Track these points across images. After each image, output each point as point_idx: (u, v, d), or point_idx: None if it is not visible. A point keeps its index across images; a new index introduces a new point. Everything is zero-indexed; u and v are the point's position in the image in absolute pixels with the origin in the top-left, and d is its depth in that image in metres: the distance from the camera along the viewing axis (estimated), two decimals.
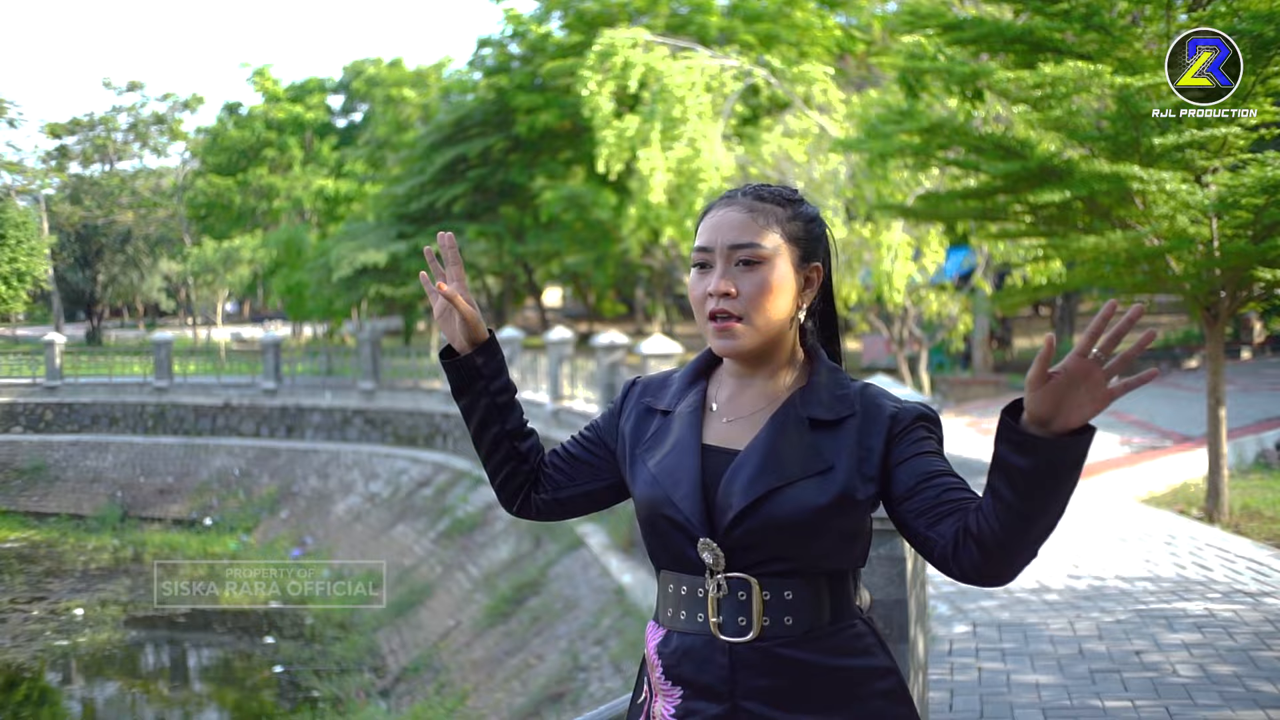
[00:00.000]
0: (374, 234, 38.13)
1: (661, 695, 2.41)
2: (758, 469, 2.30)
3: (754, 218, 2.37)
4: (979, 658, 6.72)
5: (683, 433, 2.44)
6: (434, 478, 26.85)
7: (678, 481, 2.37)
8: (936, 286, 19.83)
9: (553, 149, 37.62)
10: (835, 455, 2.31)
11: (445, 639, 18.81)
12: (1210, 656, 6.69)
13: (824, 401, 2.37)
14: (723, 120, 20.74)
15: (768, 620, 2.30)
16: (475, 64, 40.56)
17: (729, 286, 2.34)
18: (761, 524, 2.28)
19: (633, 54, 20.14)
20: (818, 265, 2.45)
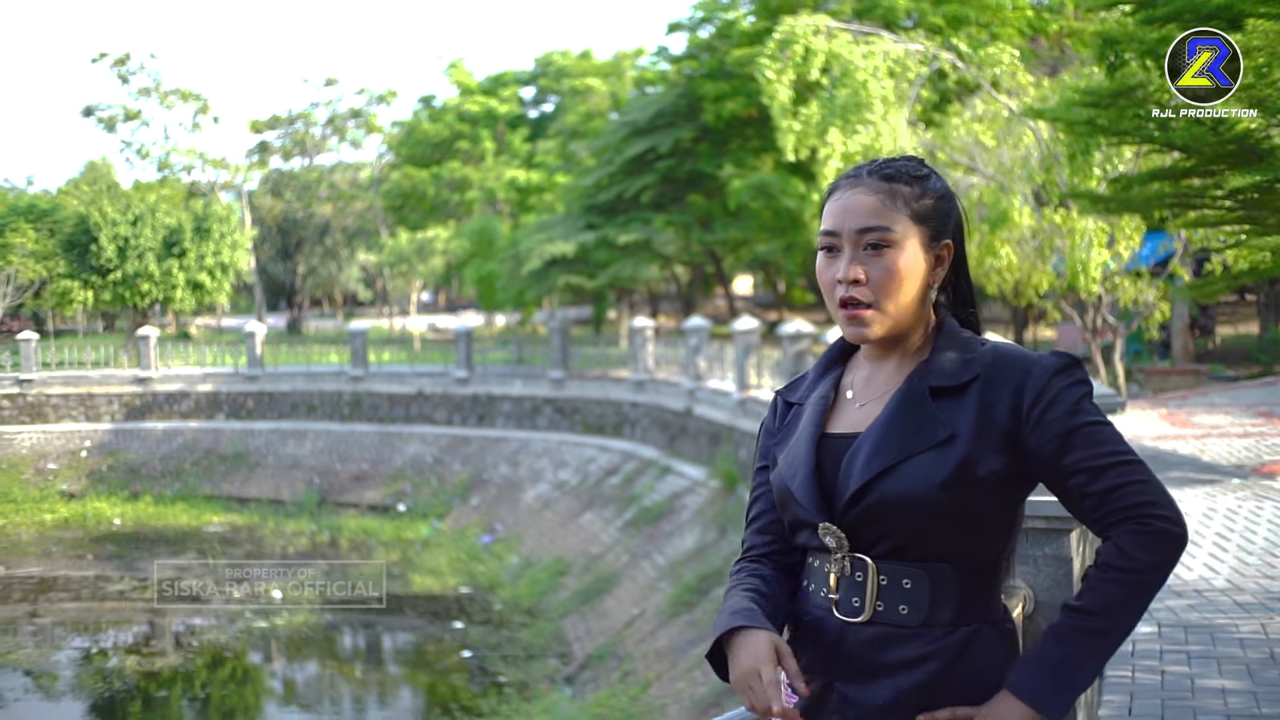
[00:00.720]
0: (563, 225, 38.45)
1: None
2: (873, 449, 2.28)
3: (881, 200, 2.32)
4: (1163, 660, 6.50)
5: (805, 424, 2.43)
6: (622, 466, 27.02)
7: (795, 472, 2.37)
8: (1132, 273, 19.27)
9: (741, 137, 37.50)
10: (957, 423, 2.24)
11: (629, 627, 18.92)
12: None
13: (947, 368, 2.31)
14: (907, 106, 20.44)
15: (881, 605, 2.27)
16: (663, 53, 40.66)
17: (858, 273, 2.30)
18: (876, 503, 2.25)
19: (814, 41, 19.96)
20: (948, 242, 2.39)
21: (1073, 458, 2.20)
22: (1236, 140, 10.70)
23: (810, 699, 2.30)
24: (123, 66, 56.72)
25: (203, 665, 20.36)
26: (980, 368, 2.28)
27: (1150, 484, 2.19)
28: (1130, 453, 2.21)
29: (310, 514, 30.22)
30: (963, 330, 2.40)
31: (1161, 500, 2.18)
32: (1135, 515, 2.16)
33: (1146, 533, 2.15)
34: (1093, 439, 2.20)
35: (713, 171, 36.73)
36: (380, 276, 61.92)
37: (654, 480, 24.69)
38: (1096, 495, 2.19)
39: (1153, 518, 2.16)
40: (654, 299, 53.36)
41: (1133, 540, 2.16)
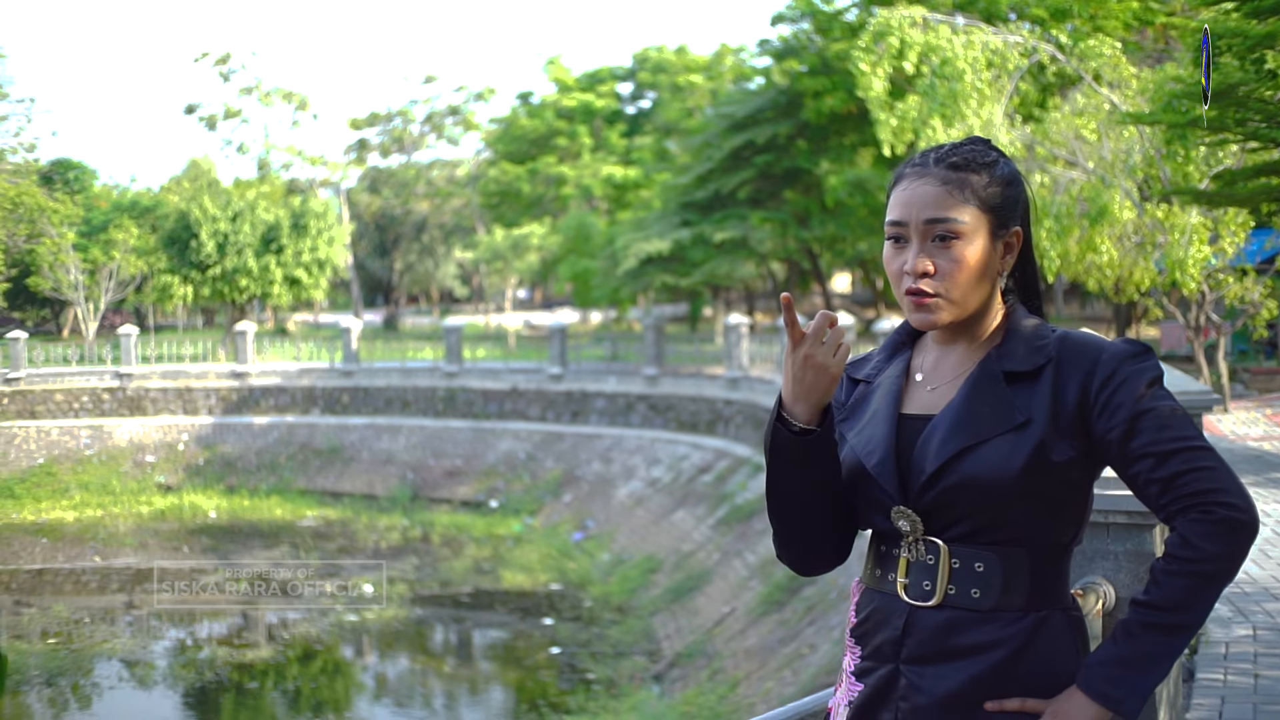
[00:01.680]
0: (659, 223, 38.37)
1: (849, 651, 2.40)
2: (950, 430, 2.24)
3: (949, 190, 2.27)
4: (1257, 663, 6.21)
5: (881, 402, 2.38)
6: (714, 464, 26.87)
7: (872, 451, 2.32)
8: (1237, 270, 18.75)
9: (839, 133, 37.19)
10: (1032, 408, 2.21)
11: (719, 626, 18.77)
12: None
13: (1019, 354, 2.28)
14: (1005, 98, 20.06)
15: (953, 589, 2.23)
16: (765, 45, 40.41)
17: (927, 265, 2.26)
18: (953, 485, 2.20)
19: (910, 33, 19.64)
20: (1017, 230, 2.34)
21: (1139, 442, 2.16)
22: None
23: (877, 684, 2.27)
24: (224, 65, 57.43)
25: (294, 658, 20.47)
26: (1053, 353, 2.25)
27: (1217, 470, 2.13)
28: (1199, 438, 2.16)
29: (403, 509, 30.37)
30: (1032, 316, 2.37)
31: (1229, 486, 2.12)
32: (1200, 503, 2.11)
33: (1211, 520, 2.10)
34: (1160, 423, 2.16)
35: (810, 167, 36.46)
36: (476, 273, 62.30)
37: (746, 478, 24.51)
38: (1161, 481, 2.14)
39: (1218, 505, 2.11)
40: (750, 296, 53.17)
41: (1197, 529, 2.11)
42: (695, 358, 32.99)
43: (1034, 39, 20.89)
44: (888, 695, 2.25)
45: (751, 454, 25.87)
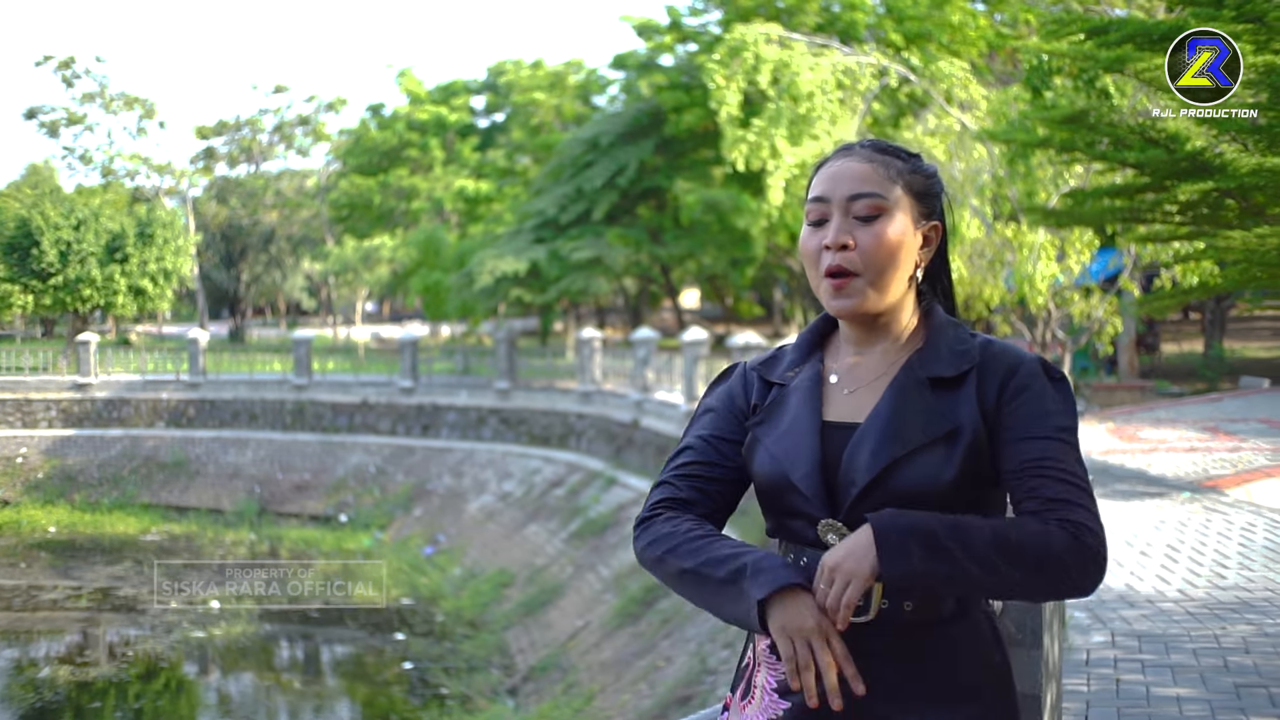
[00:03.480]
0: (514, 241, 38.22)
1: (765, 667, 2.29)
2: (879, 440, 2.17)
3: (874, 168, 2.25)
4: (1117, 669, 6.41)
5: (800, 409, 2.30)
6: (567, 478, 26.86)
7: (796, 462, 2.23)
8: (1082, 288, 19.30)
9: (695, 149, 37.51)
10: (959, 415, 2.17)
11: (574, 639, 18.76)
12: None
13: (943, 358, 2.23)
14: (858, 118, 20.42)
15: (886, 602, 2.16)
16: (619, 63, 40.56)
17: (847, 239, 2.21)
18: (886, 499, 2.13)
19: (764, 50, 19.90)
20: (936, 224, 2.31)
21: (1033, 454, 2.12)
22: (1189, 157, 10.69)
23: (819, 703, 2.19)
24: (67, 70, 56.08)
25: (136, 676, 19.97)
26: (976, 359, 2.22)
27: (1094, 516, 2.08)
28: (1087, 481, 2.15)
29: (250, 524, 29.87)
30: (950, 319, 2.32)
31: (1102, 535, 2.09)
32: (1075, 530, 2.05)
33: (1079, 545, 2.05)
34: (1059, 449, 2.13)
35: (666, 185, 36.69)
36: (325, 285, 61.53)
37: (599, 492, 24.55)
38: (1042, 500, 2.09)
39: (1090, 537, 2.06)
40: (601, 311, 53.27)
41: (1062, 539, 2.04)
42: (547, 372, 32.99)
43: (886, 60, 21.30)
44: (823, 712, 2.15)
45: (604, 467, 25.93)
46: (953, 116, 20.06)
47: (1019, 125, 13.77)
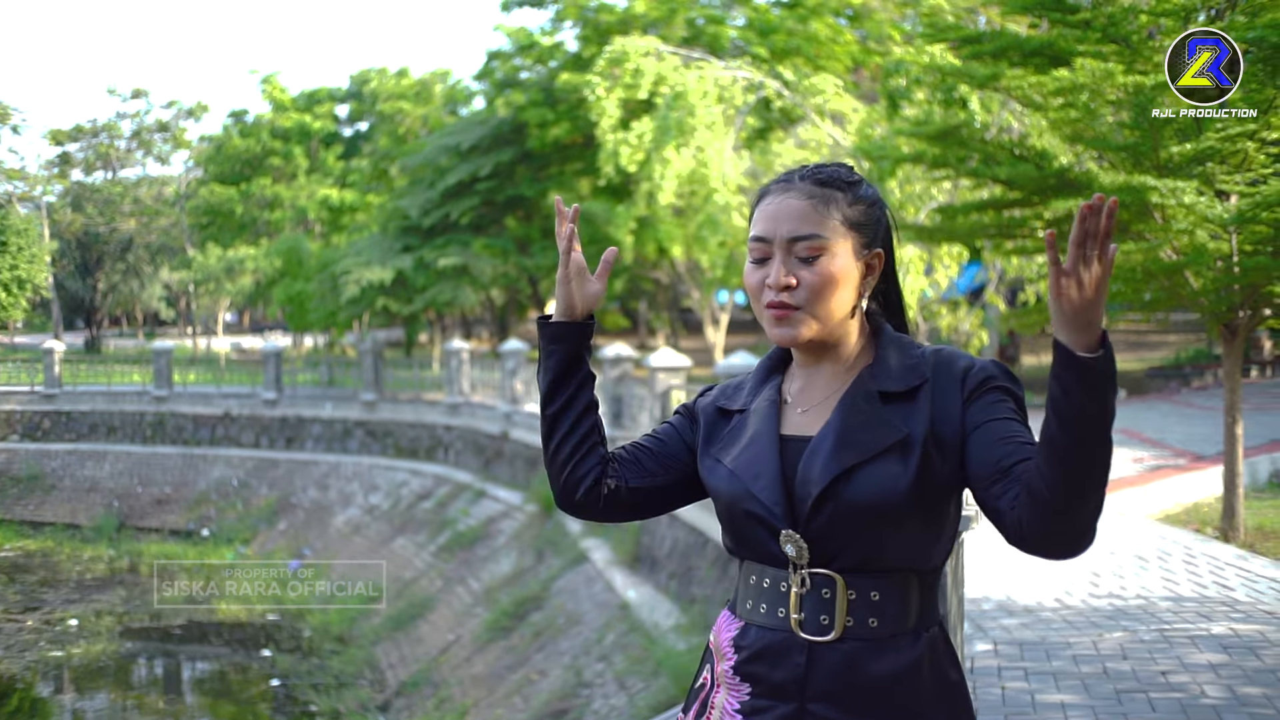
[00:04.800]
0: (379, 249, 37.91)
1: (726, 687, 2.31)
2: (832, 449, 2.21)
3: (814, 205, 2.27)
4: (1001, 677, 6.51)
5: (759, 426, 2.35)
6: (435, 490, 26.68)
7: (757, 474, 2.28)
8: (949, 302, 19.65)
9: (561, 160, 37.50)
10: (911, 424, 2.20)
11: (445, 653, 18.61)
12: (1238, 677, 6.47)
13: (893, 373, 2.27)
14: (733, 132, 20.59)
15: (851, 620, 2.21)
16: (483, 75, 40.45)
17: (789, 279, 2.24)
18: (843, 509, 2.18)
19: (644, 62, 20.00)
20: (879, 251, 2.35)
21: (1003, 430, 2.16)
22: (1057, 174, 10.92)
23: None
24: None
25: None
26: (927, 372, 2.26)
27: None
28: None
29: (109, 539, 29.20)
30: (901, 335, 2.37)
31: None
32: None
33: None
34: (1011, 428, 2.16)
35: (532, 195, 36.63)
36: (185, 295, 60.41)
37: (468, 504, 24.40)
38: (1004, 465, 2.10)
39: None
40: (467, 322, 52.98)
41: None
42: (414, 383, 32.74)
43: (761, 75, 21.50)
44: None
45: (473, 479, 25.78)
46: (823, 131, 20.30)
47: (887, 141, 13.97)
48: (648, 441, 2.52)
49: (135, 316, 73.34)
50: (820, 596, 2.21)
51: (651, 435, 2.54)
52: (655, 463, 2.48)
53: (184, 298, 62.27)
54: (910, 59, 16.18)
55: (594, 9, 34.18)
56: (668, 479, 2.48)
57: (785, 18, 30.36)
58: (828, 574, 2.21)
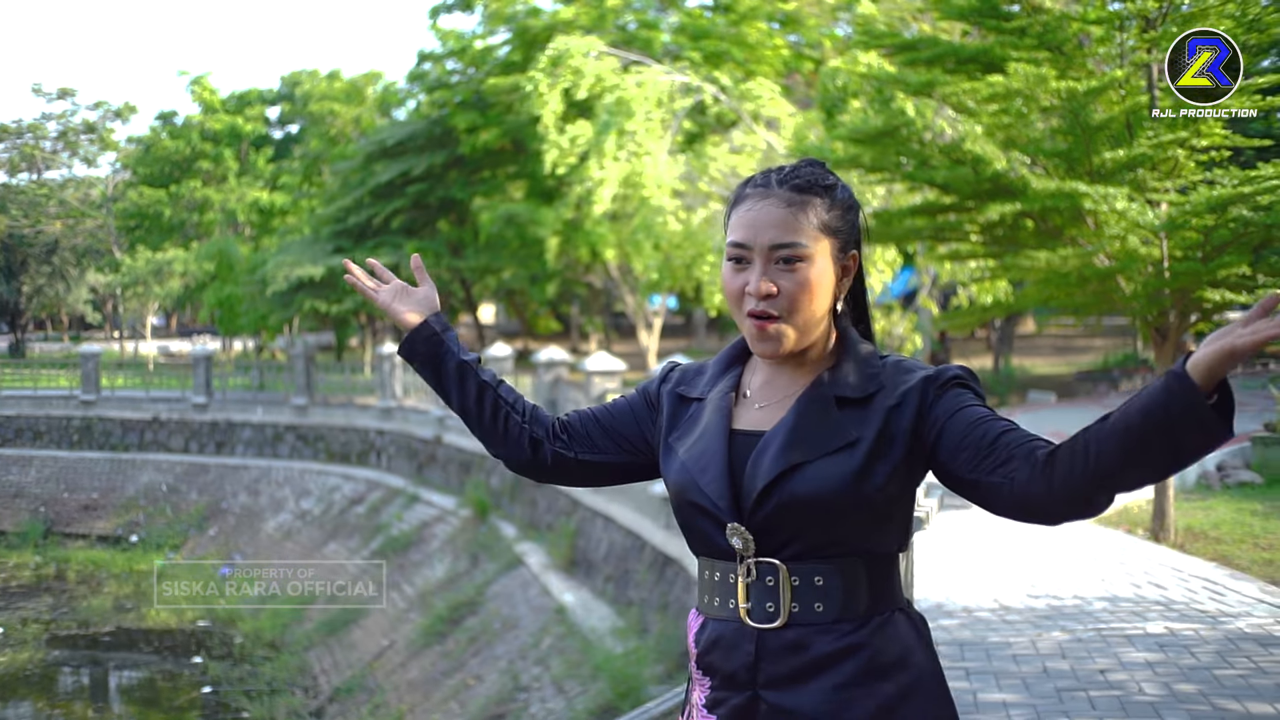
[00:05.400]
0: (310, 249, 37.70)
1: (696, 684, 2.37)
2: (780, 448, 2.25)
3: (793, 212, 2.28)
4: None
5: (711, 419, 2.38)
6: (367, 495, 26.52)
7: (705, 467, 2.31)
8: (883, 306, 19.81)
9: (493, 165, 37.42)
10: (861, 430, 2.23)
11: (379, 659, 18.50)
12: (1174, 675, 6.57)
13: (851, 380, 2.30)
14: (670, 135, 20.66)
15: (796, 606, 2.23)
16: (414, 78, 40.27)
17: (770, 287, 2.26)
18: (784, 503, 2.21)
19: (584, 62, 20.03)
20: (854, 253, 2.38)
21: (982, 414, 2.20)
22: (992, 179, 11.04)
23: (733, 713, 2.27)
24: None
25: None
26: (884, 380, 2.29)
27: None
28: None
29: (35, 545, 28.81)
30: (863, 342, 2.39)
31: None
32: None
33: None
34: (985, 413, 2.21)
35: (464, 199, 36.54)
36: (112, 298, 59.72)
37: (401, 509, 24.28)
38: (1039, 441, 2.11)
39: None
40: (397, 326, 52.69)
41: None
42: (346, 387, 32.55)
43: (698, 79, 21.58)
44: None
45: (406, 484, 25.66)
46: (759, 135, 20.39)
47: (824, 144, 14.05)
48: (600, 414, 2.59)
49: (61, 320, 72.44)
50: (765, 584, 2.24)
51: (605, 408, 2.59)
52: (606, 439, 2.55)
53: (111, 301, 61.54)
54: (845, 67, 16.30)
55: (524, 13, 34.14)
56: (618, 457, 2.55)
57: (717, 22, 30.47)
58: (771, 562, 2.24)
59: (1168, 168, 10.88)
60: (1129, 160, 10.45)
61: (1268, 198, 9.82)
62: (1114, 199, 10.21)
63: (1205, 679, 6.49)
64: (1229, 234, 10.33)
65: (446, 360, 2.54)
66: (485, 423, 2.54)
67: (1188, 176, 11.01)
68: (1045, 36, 11.05)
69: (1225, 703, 6.07)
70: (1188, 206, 10.14)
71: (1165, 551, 10.67)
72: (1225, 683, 6.41)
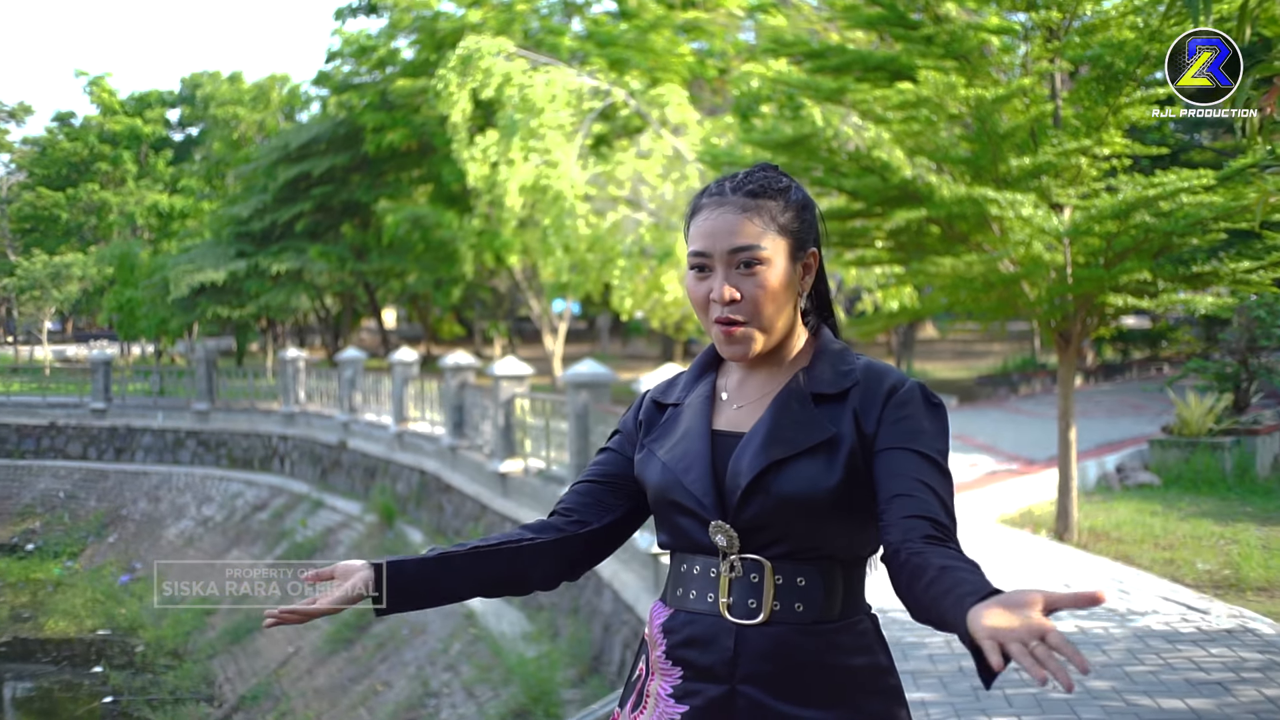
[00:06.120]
0: (212, 253, 37.27)
1: (660, 674, 2.39)
2: (762, 444, 2.31)
3: (749, 218, 2.35)
4: None
5: (692, 420, 2.44)
6: (271, 501, 26.27)
7: (689, 466, 2.36)
8: None
9: (398, 167, 37.20)
10: (839, 425, 2.30)
11: (285, 666, 18.33)
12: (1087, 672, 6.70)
13: (827, 377, 2.37)
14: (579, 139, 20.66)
15: (778, 605, 2.29)
16: (321, 80, 39.92)
17: (734, 293, 2.32)
18: (771, 500, 2.27)
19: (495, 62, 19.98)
20: (814, 251, 2.44)
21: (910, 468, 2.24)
22: (900, 185, 11.18)
23: (708, 705, 2.30)
24: None
25: None
26: (858, 377, 2.36)
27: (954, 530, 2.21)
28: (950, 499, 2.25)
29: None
30: (837, 341, 2.47)
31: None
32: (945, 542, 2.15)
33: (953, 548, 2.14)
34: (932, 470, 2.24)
35: (369, 201, 36.29)
36: (6, 302, 58.57)
37: (306, 515, 24.07)
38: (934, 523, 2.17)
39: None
40: (301, 330, 52.25)
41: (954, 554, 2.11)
42: (249, 392, 32.17)
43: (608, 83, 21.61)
44: (723, 715, 2.29)
45: (310, 490, 25.45)
46: (666, 140, 20.46)
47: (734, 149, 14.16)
48: (596, 475, 2.57)
49: None
50: (749, 581, 2.30)
51: (597, 468, 2.58)
52: (614, 496, 2.54)
53: (4, 305, 60.38)
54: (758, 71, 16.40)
55: (430, 16, 33.98)
56: (635, 502, 2.54)
57: (624, 29, 30.52)
58: (756, 559, 2.29)
59: (1071, 175, 11.08)
60: (1034, 168, 10.63)
61: (1168, 204, 10.06)
62: (1019, 205, 10.36)
63: (1118, 675, 6.63)
64: (1130, 240, 10.53)
65: (418, 589, 2.40)
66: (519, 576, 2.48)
67: (1090, 184, 11.24)
68: (952, 45, 11.21)
69: (1138, 699, 6.22)
70: (1091, 213, 10.33)
71: (1070, 551, 10.88)
72: (1137, 679, 6.56)
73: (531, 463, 16.96)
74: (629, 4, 29.61)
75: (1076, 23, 11.03)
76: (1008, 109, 10.99)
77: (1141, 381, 29.04)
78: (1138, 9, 10.48)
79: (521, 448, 17.31)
